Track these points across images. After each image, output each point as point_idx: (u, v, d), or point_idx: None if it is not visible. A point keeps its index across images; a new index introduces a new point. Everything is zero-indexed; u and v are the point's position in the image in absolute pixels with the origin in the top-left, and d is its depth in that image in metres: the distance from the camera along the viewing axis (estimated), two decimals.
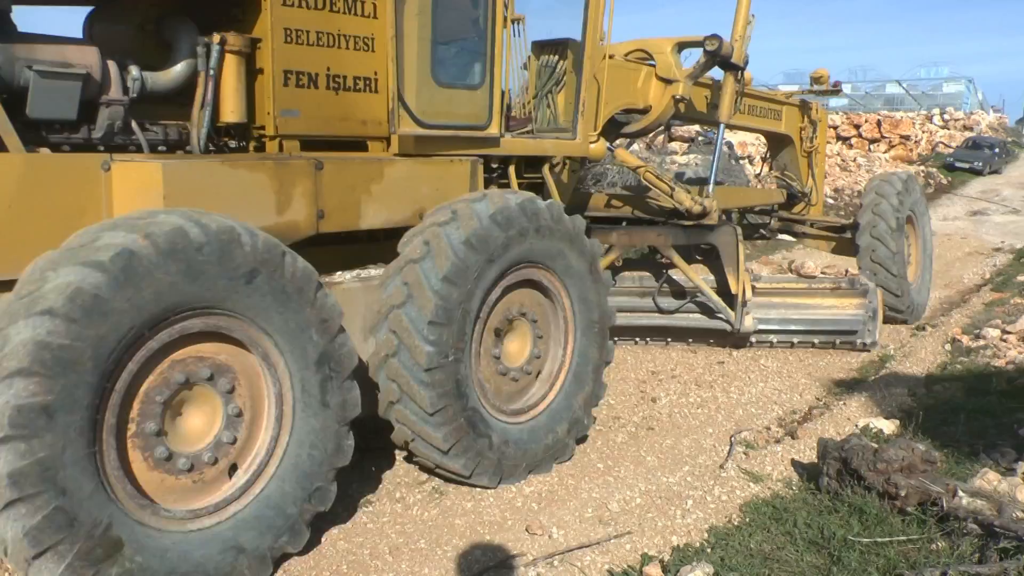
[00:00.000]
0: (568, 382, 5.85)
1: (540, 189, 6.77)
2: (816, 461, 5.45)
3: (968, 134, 42.88)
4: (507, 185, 6.51)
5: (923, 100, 54.20)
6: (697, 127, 19.56)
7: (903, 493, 4.80)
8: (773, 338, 8.94)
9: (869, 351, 9.04)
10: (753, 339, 8.91)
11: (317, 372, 4.35)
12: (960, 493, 4.70)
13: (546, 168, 6.89)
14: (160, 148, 4.87)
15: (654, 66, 8.25)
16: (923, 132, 40.64)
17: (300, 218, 4.90)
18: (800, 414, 7.22)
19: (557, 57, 7.29)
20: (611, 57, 7.28)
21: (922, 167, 33.25)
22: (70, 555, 3.45)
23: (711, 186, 8.66)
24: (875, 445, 5.19)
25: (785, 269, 9.84)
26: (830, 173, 24.67)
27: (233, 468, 4.21)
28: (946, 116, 46.83)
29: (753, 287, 8.67)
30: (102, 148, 4.58)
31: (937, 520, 4.61)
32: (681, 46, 8.38)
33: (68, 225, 4.03)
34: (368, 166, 5.33)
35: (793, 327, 8.88)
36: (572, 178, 7.50)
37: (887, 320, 9.78)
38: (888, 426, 6.43)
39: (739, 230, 8.71)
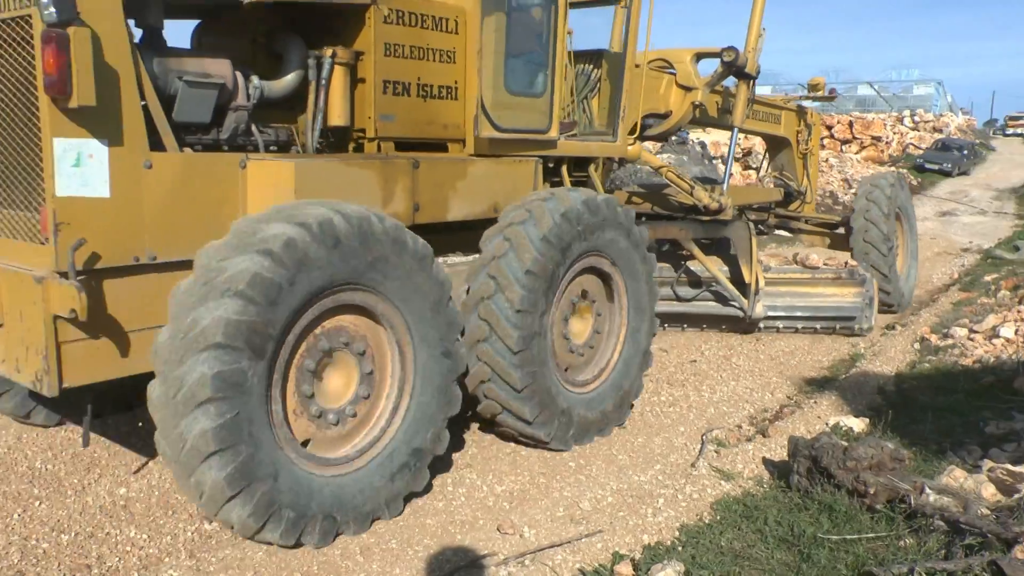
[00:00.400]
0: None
1: (583, 186, 7.24)
2: (787, 459, 5.48)
3: (938, 136, 43.34)
4: (560, 183, 7.16)
5: (894, 102, 54.73)
6: None
7: (872, 491, 4.83)
8: (780, 324, 9.71)
9: (865, 335, 9.76)
10: (761, 325, 9.65)
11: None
12: (927, 490, 4.74)
13: (592, 167, 7.62)
14: (271, 148, 5.51)
15: (674, 74, 8.93)
16: (894, 133, 41.03)
17: (400, 210, 5.49)
18: (771, 412, 7.25)
19: (592, 66, 7.93)
20: (637, 66, 7.76)
21: (893, 168, 33.53)
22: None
23: (725, 185, 9.36)
24: (845, 443, 5.21)
25: (791, 261, 10.36)
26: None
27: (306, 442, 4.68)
28: (916, 118, 47.29)
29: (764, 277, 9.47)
30: (226, 148, 5.22)
31: (905, 517, 4.64)
32: (699, 56, 9.12)
33: (212, 214, 4.82)
34: (454, 165, 6.01)
35: (798, 313, 9.66)
36: (606, 177, 8.15)
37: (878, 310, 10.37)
38: (858, 424, 6.47)
39: (752, 225, 9.45)
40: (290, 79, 5.54)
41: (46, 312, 4.25)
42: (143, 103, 4.57)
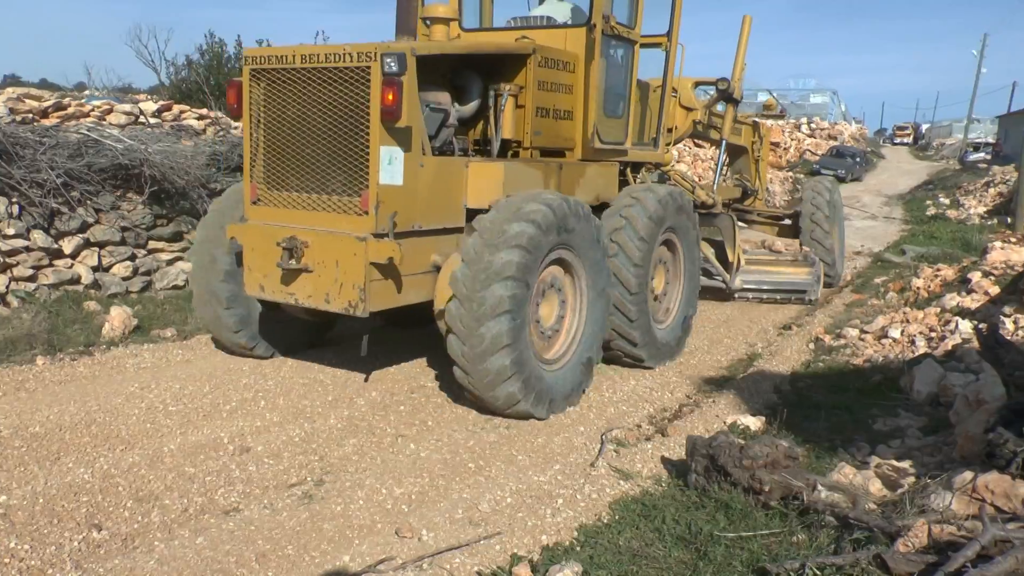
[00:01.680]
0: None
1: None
2: (685, 458, 5.54)
3: (832, 143, 44.76)
4: (626, 182, 9.32)
5: (792, 110, 56.34)
6: None
7: (767, 488, 4.92)
8: (750, 295, 12.11)
9: (814, 304, 12.11)
10: (736, 295, 12.05)
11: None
12: (819, 487, 4.85)
13: (644, 170, 9.86)
14: (458, 154, 7.34)
15: (676, 97, 10.72)
16: (792, 140, 42.23)
17: None
18: (670, 412, 7.32)
19: None
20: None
21: (791, 173, 34.43)
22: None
23: (716, 185, 11.97)
24: (741, 442, 5.30)
25: (760, 245, 13.01)
26: (704, 176, 25.35)
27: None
28: (813, 125, 48.76)
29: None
30: (436, 154, 6.99)
31: (798, 513, 4.74)
32: (697, 84, 11.58)
33: (447, 198, 7.00)
34: (578, 166, 8.26)
35: (765, 287, 12.06)
36: (649, 177, 10.26)
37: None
38: (754, 423, 6.60)
39: (735, 217, 11.90)
40: (473, 105, 7.57)
41: (365, 260, 6.34)
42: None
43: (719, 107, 11.88)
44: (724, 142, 11.89)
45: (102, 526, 4.75)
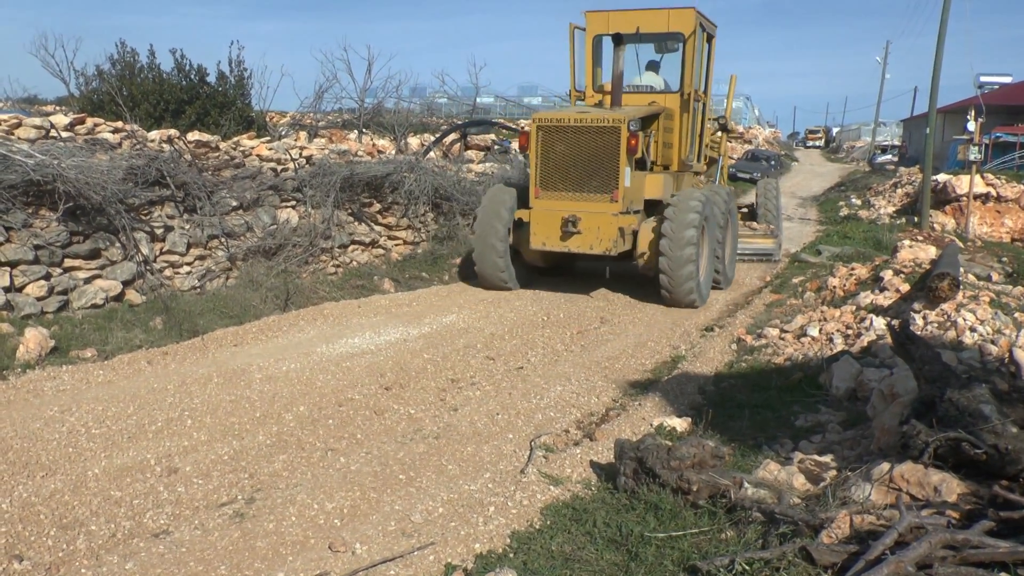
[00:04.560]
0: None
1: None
2: (613, 461, 5.60)
3: (748, 147, 45.63)
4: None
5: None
6: (492, 136, 24.13)
7: (695, 488, 5.01)
8: (737, 257, 15.66)
9: (777, 263, 16.99)
10: None
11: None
12: (745, 484, 4.95)
13: (693, 174, 14.93)
14: (637, 169, 12.58)
15: None
16: None
17: (671, 194, 12.93)
18: (598, 416, 7.40)
19: None
20: None
21: None
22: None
23: (716, 184, 16.70)
24: (669, 443, 5.38)
25: (742, 224, 17.19)
26: None
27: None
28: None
29: None
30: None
31: (726, 511, 4.84)
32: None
33: (640, 192, 12.76)
34: (680, 175, 13.91)
35: (747, 251, 16.91)
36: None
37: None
38: (680, 424, 6.69)
39: None
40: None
41: (616, 226, 11.94)
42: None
43: (717, 135, 16.95)
44: (721, 159, 16.98)
45: (23, 556, 4.62)
